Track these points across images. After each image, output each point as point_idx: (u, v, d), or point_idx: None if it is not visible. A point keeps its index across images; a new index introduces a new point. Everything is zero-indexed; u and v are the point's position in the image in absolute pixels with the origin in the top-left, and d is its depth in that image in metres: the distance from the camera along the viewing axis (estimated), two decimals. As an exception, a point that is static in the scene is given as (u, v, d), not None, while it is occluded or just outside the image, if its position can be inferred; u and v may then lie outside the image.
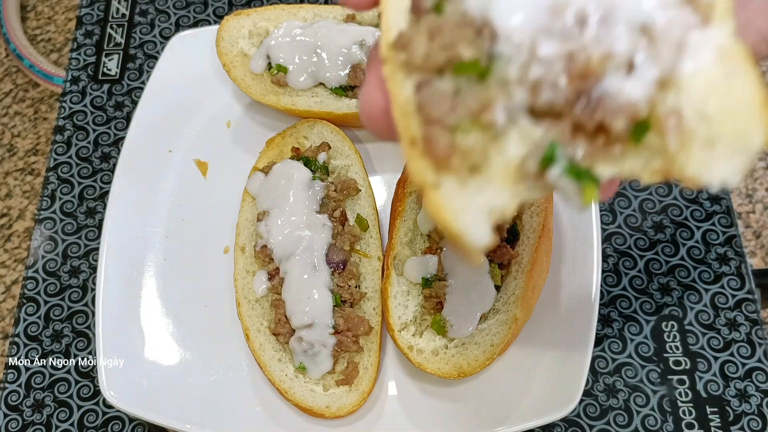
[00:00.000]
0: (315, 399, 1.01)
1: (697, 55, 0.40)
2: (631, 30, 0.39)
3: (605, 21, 0.39)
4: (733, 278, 1.17)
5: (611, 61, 0.39)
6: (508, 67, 0.40)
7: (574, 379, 0.99)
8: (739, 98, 0.40)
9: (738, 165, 0.40)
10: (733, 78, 0.40)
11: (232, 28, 1.24)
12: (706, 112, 0.40)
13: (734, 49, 0.41)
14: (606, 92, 0.39)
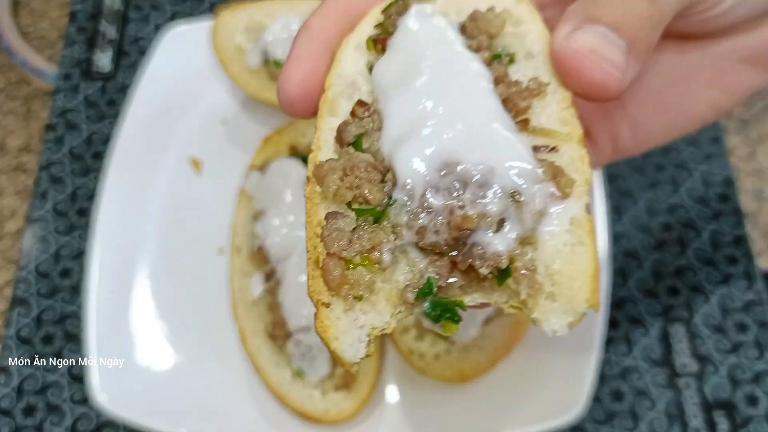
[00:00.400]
0: (313, 403, 0.99)
1: (553, 222, 0.49)
2: (503, 195, 0.48)
3: (483, 185, 0.48)
4: (741, 279, 1.15)
5: (484, 220, 0.47)
6: (401, 212, 0.49)
7: (580, 383, 0.97)
8: (577, 266, 0.48)
9: (566, 322, 0.48)
10: (577, 247, 0.49)
11: (228, 22, 1.22)
12: (552, 272, 0.48)
13: (584, 221, 0.49)
14: (477, 243, 0.48)
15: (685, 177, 1.23)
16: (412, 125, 0.51)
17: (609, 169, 1.24)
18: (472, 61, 0.55)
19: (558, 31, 0.54)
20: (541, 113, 0.54)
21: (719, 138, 1.27)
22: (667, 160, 1.25)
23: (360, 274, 0.49)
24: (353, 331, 0.49)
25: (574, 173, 0.51)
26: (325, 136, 0.56)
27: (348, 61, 0.60)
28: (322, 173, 0.52)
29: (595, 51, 0.52)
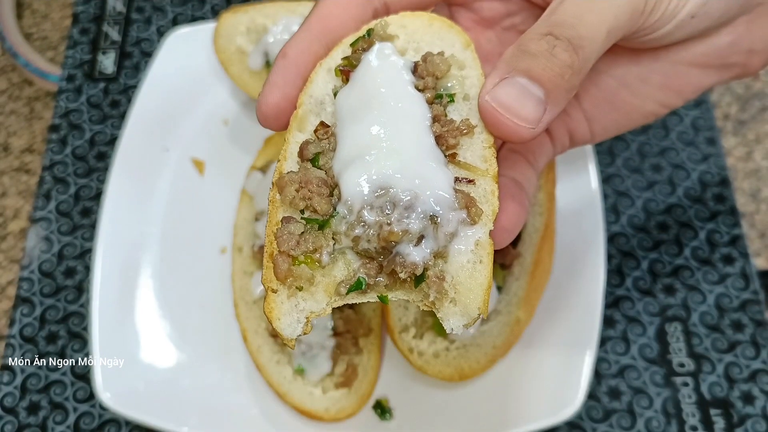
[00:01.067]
0: (314, 401, 1.00)
1: (461, 243, 0.60)
2: (424, 217, 0.58)
3: (408, 207, 0.58)
4: (737, 279, 1.16)
5: (406, 235, 0.58)
6: (341, 223, 0.60)
7: (577, 381, 0.98)
8: (475, 280, 0.59)
9: (462, 323, 0.59)
10: (477, 265, 0.60)
11: (230, 24, 1.22)
12: (456, 282, 0.60)
13: (486, 244, 0.60)
14: (400, 253, 0.58)
15: (682, 177, 1.24)
16: (359, 151, 0.61)
17: (607, 169, 1.25)
18: (416, 101, 0.65)
19: (486, 83, 0.63)
20: (467, 149, 0.64)
21: (716, 139, 1.28)
22: (664, 160, 1.26)
23: (303, 270, 0.60)
24: (293, 314, 0.60)
25: (484, 204, 0.62)
26: (291, 149, 0.66)
27: (319, 83, 0.69)
28: (283, 183, 0.62)
29: (510, 108, 0.61)
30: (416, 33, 0.70)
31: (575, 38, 0.61)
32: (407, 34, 0.70)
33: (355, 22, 0.71)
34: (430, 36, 0.70)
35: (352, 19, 0.70)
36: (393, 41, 0.70)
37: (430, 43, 0.70)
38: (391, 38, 0.70)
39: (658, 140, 1.28)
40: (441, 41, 0.70)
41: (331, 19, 0.70)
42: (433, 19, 0.70)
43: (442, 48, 0.69)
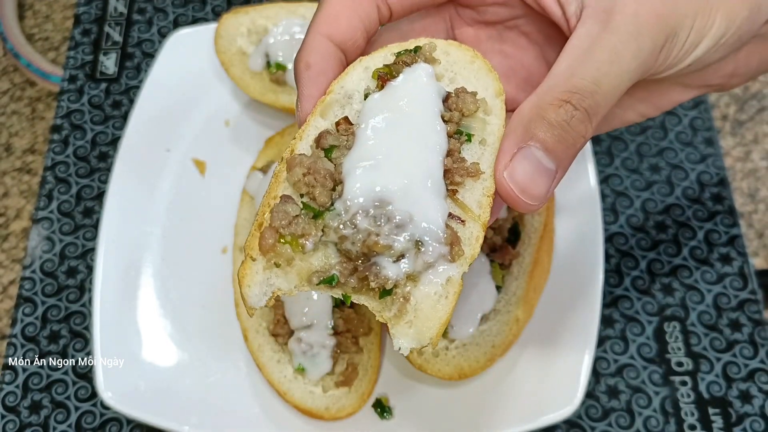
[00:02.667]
0: (314, 400, 1.00)
1: (435, 274, 0.63)
2: (410, 240, 0.61)
3: (399, 226, 0.61)
4: (735, 279, 1.16)
5: (388, 250, 0.61)
6: (334, 219, 0.62)
7: (576, 380, 0.98)
8: (436, 312, 0.62)
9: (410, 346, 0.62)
10: (442, 299, 0.62)
11: (231, 25, 1.23)
12: (417, 308, 0.62)
13: (456, 284, 0.63)
14: (377, 263, 0.61)
15: (680, 177, 1.25)
16: (372, 159, 0.64)
17: (605, 169, 1.25)
18: (438, 130, 0.66)
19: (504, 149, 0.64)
20: (468, 190, 0.66)
21: (714, 139, 1.28)
22: (663, 160, 1.26)
23: (285, 250, 0.62)
24: (262, 286, 0.63)
25: (467, 247, 0.64)
26: (309, 132, 0.68)
27: (354, 77, 0.71)
28: (293, 163, 0.64)
29: (524, 189, 0.63)
30: (456, 64, 0.71)
31: (592, 107, 0.63)
32: (448, 63, 0.72)
33: (362, 22, 0.71)
34: (468, 72, 0.71)
35: (360, 19, 0.71)
36: (435, 64, 0.71)
37: (467, 78, 0.71)
38: (434, 61, 0.71)
39: (657, 140, 1.28)
40: (477, 81, 0.71)
41: (340, 21, 0.71)
42: (477, 57, 0.71)
43: (476, 87, 0.70)
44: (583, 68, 0.63)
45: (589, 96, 0.62)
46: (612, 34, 0.63)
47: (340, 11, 0.71)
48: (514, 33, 0.80)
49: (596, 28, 0.63)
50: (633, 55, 0.63)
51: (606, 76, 0.63)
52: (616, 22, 0.63)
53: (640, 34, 0.63)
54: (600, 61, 0.63)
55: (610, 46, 0.63)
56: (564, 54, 0.64)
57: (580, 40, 0.64)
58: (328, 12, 0.71)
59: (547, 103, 0.63)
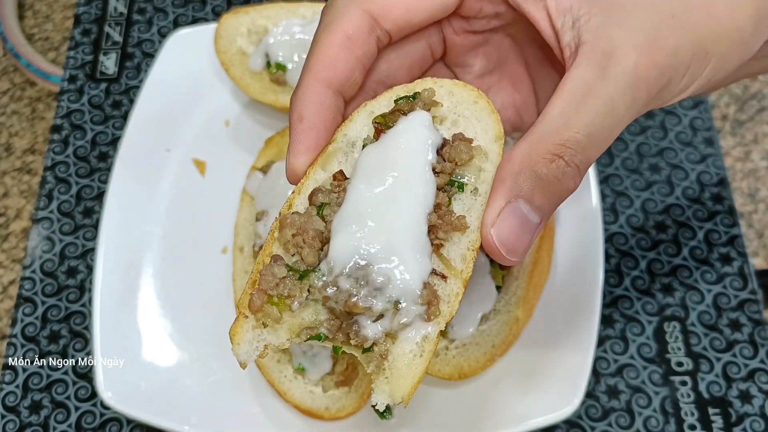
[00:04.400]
0: (314, 400, 1.00)
1: (412, 332, 0.64)
2: (389, 301, 0.63)
3: (378, 288, 0.62)
4: (735, 278, 1.16)
5: (368, 311, 0.62)
6: (319, 279, 0.64)
7: (576, 380, 0.98)
8: (410, 370, 0.63)
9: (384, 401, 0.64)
10: (417, 357, 0.64)
11: (231, 26, 1.23)
12: (393, 365, 0.64)
13: (432, 341, 0.64)
14: (358, 322, 0.63)
15: (680, 177, 1.25)
16: (358, 217, 0.64)
17: (605, 169, 1.25)
18: (426, 184, 0.66)
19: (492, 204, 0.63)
20: (454, 244, 0.67)
21: (714, 139, 1.28)
22: (663, 160, 1.26)
23: (273, 311, 0.64)
24: (252, 342, 0.65)
25: (445, 305, 0.65)
26: (308, 185, 0.69)
27: (357, 124, 0.71)
28: (284, 224, 0.66)
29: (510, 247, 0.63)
30: (460, 105, 0.71)
31: (584, 162, 0.62)
32: (452, 104, 0.71)
33: (360, 61, 0.70)
34: (471, 113, 0.70)
35: (357, 58, 0.69)
36: (437, 107, 0.70)
37: (470, 119, 0.70)
38: (436, 104, 0.70)
39: (657, 140, 1.28)
40: (479, 122, 0.70)
41: (337, 65, 0.69)
42: (480, 98, 0.70)
43: (477, 130, 0.70)
44: (576, 118, 0.61)
45: (581, 151, 0.61)
46: (609, 83, 0.61)
47: (337, 54, 0.69)
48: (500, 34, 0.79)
49: (593, 74, 0.61)
50: (627, 106, 0.62)
51: (599, 128, 0.61)
52: (615, 70, 0.61)
53: (637, 86, 0.61)
54: (595, 112, 0.61)
55: (607, 97, 0.61)
56: (557, 97, 0.62)
57: (575, 84, 0.62)
58: (324, 55, 0.69)
59: (539, 156, 0.61)
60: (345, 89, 0.70)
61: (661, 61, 0.62)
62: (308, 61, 0.70)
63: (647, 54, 0.61)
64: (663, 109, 1.31)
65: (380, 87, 0.75)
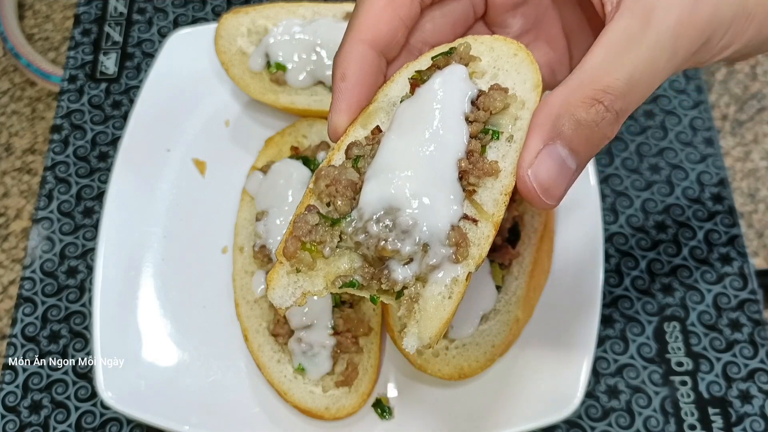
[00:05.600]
0: (314, 400, 1.00)
1: (442, 274, 0.64)
2: (417, 244, 0.64)
3: (405, 232, 0.63)
4: (735, 278, 1.16)
5: (397, 254, 0.64)
6: (350, 226, 0.66)
7: (576, 380, 0.98)
8: (439, 313, 0.64)
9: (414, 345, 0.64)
10: (446, 300, 0.64)
11: (231, 26, 1.23)
12: (423, 308, 0.64)
13: (461, 283, 0.64)
14: (389, 267, 0.65)
15: (680, 177, 1.25)
16: (389, 167, 0.65)
17: (605, 169, 1.25)
18: (457, 132, 0.67)
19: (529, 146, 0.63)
20: (487, 189, 0.67)
21: (714, 139, 1.28)
22: (663, 161, 1.26)
23: (306, 257, 0.66)
24: (288, 288, 0.67)
25: (475, 247, 0.66)
26: (347, 141, 0.71)
27: (399, 84, 0.72)
28: (319, 175, 0.68)
29: (546, 189, 0.63)
30: (500, 59, 0.71)
31: (623, 110, 0.62)
32: (492, 58, 0.71)
33: (403, 21, 0.71)
34: (510, 65, 0.71)
35: (400, 18, 0.70)
36: (476, 62, 0.71)
37: (509, 71, 0.71)
38: (474, 59, 0.71)
39: (657, 140, 1.28)
40: (517, 74, 0.70)
41: (380, 25, 0.70)
42: (520, 50, 0.71)
43: (516, 81, 0.70)
44: (618, 66, 0.61)
45: (621, 97, 0.61)
46: (651, 35, 0.61)
47: (380, 14, 0.70)
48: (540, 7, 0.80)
49: (636, 26, 0.61)
50: (668, 59, 0.62)
51: (639, 78, 0.61)
52: (657, 24, 0.61)
53: (678, 41, 0.62)
54: (636, 61, 0.61)
55: (648, 48, 0.61)
56: (599, 46, 0.62)
57: (616, 35, 0.62)
58: (368, 16, 0.70)
59: (578, 100, 0.61)
60: (388, 50, 0.71)
61: (703, 18, 0.62)
62: (352, 22, 0.71)
63: (689, 10, 0.61)
64: (663, 109, 1.31)
65: (424, 47, 0.76)
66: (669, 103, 1.32)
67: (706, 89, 1.46)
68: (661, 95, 1.33)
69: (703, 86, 1.34)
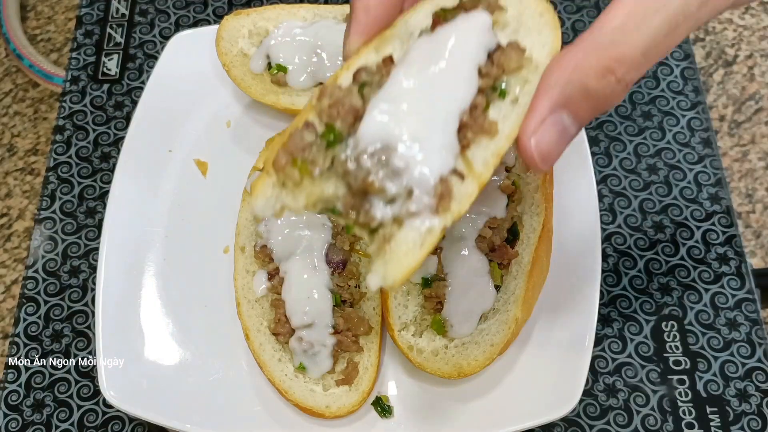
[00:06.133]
0: (315, 399, 1.01)
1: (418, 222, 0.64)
2: (402, 187, 0.63)
3: (396, 173, 0.63)
4: (733, 278, 1.17)
5: (381, 192, 0.63)
6: (343, 151, 0.65)
7: (574, 378, 0.99)
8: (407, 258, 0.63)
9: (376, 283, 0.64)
10: (416, 247, 0.64)
11: (232, 27, 1.24)
12: (393, 249, 0.64)
13: (434, 235, 0.64)
14: (370, 201, 0.64)
15: (678, 178, 1.25)
16: (394, 101, 0.65)
17: (603, 170, 1.26)
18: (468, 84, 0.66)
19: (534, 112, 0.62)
20: (481, 147, 0.66)
21: (712, 140, 1.29)
22: (660, 161, 1.27)
23: (294, 173, 0.66)
24: (270, 199, 0.67)
25: (456, 203, 0.65)
26: (357, 62, 0.69)
27: (421, 14, 0.70)
28: (323, 93, 0.67)
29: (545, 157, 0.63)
30: (525, 14, 0.70)
31: (633, 80, 0.61)
32: (518, 11, 0.70)
33: None
34: (534, 23, 0.69)
35: None
36: (501, 12, 0.69)
37: (531, 29, 0.69)
38: (501, 9, 0.69)
39: (655, 141, 1.29)
40: (539, 34, 0.69)
41: None
42: (548, 11, 0.69)
43: (535, 42, 0.69)
44: (637, 33, 0.58)
45: (635, 69, 0.60)
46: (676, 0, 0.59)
47: None
48: None
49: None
50: (688, 27, 0.60)
51: (657, 46, 0.60)
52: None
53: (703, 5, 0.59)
54: (656, 29, 0.59)
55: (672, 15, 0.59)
56: (621, 4, 0.60)
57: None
58: None
59: (591, 68, 0.60)
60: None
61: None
62: None
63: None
64: (661, 110, 1.31)
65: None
66: (667, 104, 1.33)
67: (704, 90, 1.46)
68: (659, 96, 1.33)
69: (700, 87, 1.35)
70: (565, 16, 1.27)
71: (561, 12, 1.28)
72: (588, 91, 0.60)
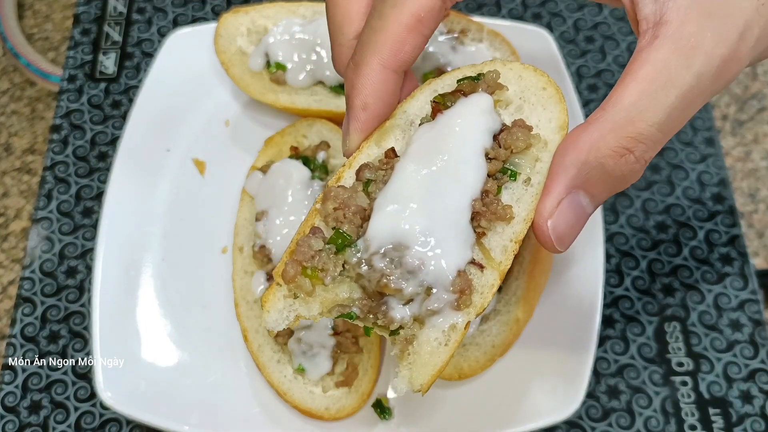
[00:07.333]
0: (314, 400, 1.00)
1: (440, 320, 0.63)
2: (420, 285, 0.62)
3: (411, 272, 0.61)
4: (736, 279, 1.16)
5: (398, 293, 0.62)
6: (354, 255, 0.64)
7: (576, 380, 0.98)
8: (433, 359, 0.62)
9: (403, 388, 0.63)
10: (442, 347, 0.62)
11: (231, 25, 1.23)
12: (417, 351, 0.63)
13: (459, 332, 0.62)
14: (388, 303, 0.63)
15: (681, 177, 1.25)
16: (402, 197, 0.63)
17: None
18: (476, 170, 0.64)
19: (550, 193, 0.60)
20: (497, 234, 0.65)
21: (715, 139, 1.28)
22: (663, 160, 1.26)
23: (305, 284, 0.64)
24: (283, 312, 0.65)
25: (478, 294, 0.63)
26: (359, 159, 0.68)
27: (419, 101, 0.69)
28: (327, 196, 0.66)
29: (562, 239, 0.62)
30: (528, 90, 0.68)
31: (651, 156, 0.59)
32: (520, 88, 0.68)
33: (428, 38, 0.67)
34: (537, 99, 0.68)
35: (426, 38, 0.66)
36: (502, 91, 0.67)
37: (535, 106, 0.68)
38: (501, 87, 0.67)
39: (657, 140, 1.28)
40: (544, 110, 0.67)
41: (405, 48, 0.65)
42: (549, 84, 0.68)
43: (541, 118, 0.67)
44: (653, 110, 0.57)
45: (653, 146, 0.58)
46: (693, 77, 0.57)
47: (405, 37, 0.65)
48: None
49: (676, 63, 0.57)
50: (704, 100, 0.59)
51: (674, 122, 0.58)
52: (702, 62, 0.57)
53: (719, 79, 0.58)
54: (673, 106, 0.57)
55: (689, 91, 0.57)
56: (634, 81, 0.58)
57: (654, 69, 0.57)
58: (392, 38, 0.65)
59: (608, 148, 0.58)
60: (408, 66, 0.68)
61: (744, 54, 0.59)
62: (369, 38, 0.66)
63: (735, 48, 0.58)
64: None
65: None
66: (669, 102, 1.32)
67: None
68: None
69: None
70: (569, 60, 1.26)
71: (565, 57, 1.27)
72: (606, 171, 0.59)
